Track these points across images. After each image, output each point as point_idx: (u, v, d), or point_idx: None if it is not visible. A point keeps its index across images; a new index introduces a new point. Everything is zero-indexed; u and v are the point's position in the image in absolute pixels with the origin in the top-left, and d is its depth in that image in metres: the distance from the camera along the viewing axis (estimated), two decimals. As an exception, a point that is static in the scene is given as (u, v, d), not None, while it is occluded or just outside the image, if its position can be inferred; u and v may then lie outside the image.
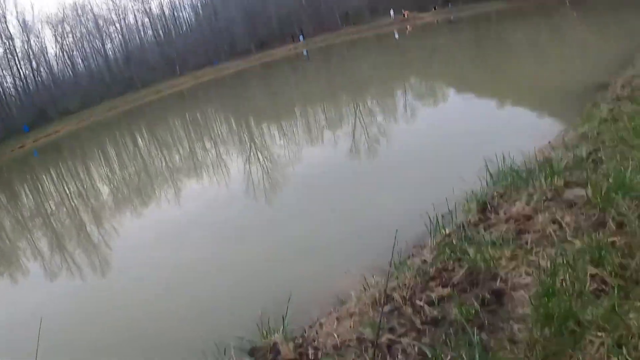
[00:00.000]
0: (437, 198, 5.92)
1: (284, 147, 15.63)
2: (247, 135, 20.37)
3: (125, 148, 30.15)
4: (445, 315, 3.60)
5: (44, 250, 13.40)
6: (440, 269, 4.25)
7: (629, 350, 2.82)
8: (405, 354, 3.36)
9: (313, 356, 3.64)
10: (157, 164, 21.18)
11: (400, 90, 20.44)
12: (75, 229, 14.87)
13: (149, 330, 6.56)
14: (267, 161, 14.65)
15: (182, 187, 15.01)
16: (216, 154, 18.61)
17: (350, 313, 4.11)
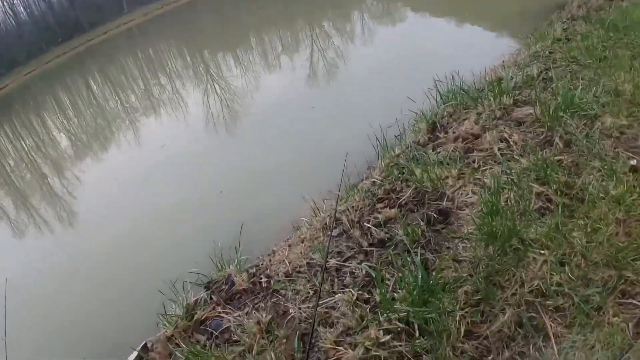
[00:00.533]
0: (389, 120, 5.93)
1: (241, 76, 15.38)
2: (202, 68, 19.90)
3: (79, 94, 29.08)
4: (392, 236, 3.68)
5: (8, 210, 13.17)
6: (388, 190, 4.29)
7: (572, 268, 2.91)
8: (353, 276, 3.45)
9: (266, 284, 3.73)
10: (113, 106, 20.60)
11: (357, 12, 20.00)
12: (37, 183, 14.58)
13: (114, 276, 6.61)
14: (225, 92, 14.44)
15: (141, 127, 14.75)
16: (172, 90, 18.21)
17: (302, 239, 4.18)
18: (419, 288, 2.99)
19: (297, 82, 12.45)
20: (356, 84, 10.35)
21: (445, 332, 2.81)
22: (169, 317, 3.89)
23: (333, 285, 3.39)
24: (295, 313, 3.33)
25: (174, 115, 14.49)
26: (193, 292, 4.10)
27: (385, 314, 2.98)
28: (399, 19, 17.22)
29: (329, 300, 3.25)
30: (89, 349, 5.11)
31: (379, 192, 4.31)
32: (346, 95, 9.95)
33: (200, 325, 3.66)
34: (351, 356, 2.85)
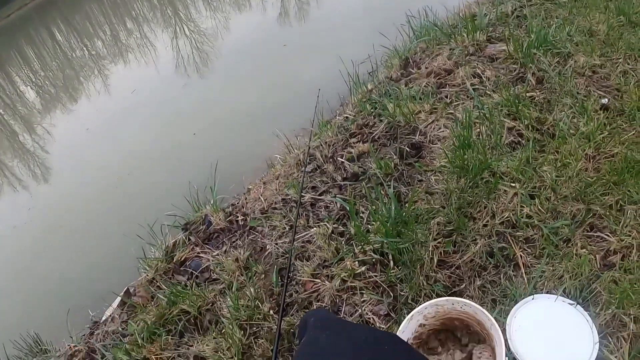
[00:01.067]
0: (359, 57, 5.88)
1: (210, 17, 14.97)
2: (170, 10, 19.29)
3: (44, 45, 28.10)
4: (366, 170, 3.71)
5: None
6: (361, 125, 4.30)
7: (541, 201, 2.99)
8: (328, 210, 3.50)
9: (242, 222, 3.77)
10: (80, 55, 20.01)
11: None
12: (7, 141, 14.27)
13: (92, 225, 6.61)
14: (194, 34, 14.10)
15: (110, 75, 14.38)
16: (140, 35, 17.67)
17: (276, 176, 4.21)
18: (392, 219, 3.04)
19: (268, 22, 12.19)
20: (328, 22, 10.15)
21: (419, 262, 2.90)
22: (149, 261, 3.93)
23: (308, 220, 3.44)
24: (273, 249, 3.38)
25: (143, 61, 14.15)
26: (171, 234, 4.14)
27: (360, 246, 3.05)
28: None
29: (305, 235, 3.31)
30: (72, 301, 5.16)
31: (351, 127, 4.33)
32: (318, 33, 9.77)
33: (180, 267, 3.71)
34: (328, 287, 2.92)
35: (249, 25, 12.72)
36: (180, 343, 3.20)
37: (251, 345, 2.90)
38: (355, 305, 2.84)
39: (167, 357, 3.15)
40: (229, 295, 3.18)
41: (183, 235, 3.98)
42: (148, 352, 3.22)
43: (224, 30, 13.35)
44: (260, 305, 3.01)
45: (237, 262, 3.38)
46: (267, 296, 3.07)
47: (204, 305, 3.27)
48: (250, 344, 2.91)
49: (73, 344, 3.86)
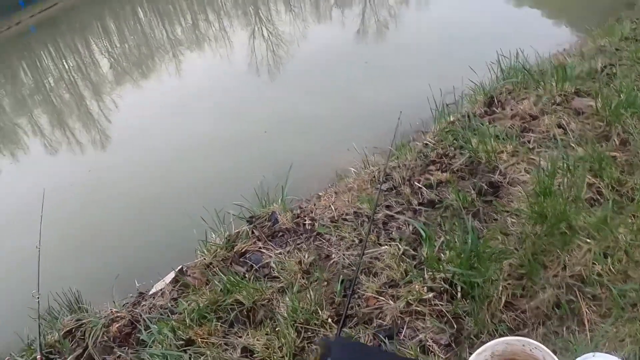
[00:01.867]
0: (445, 86, 5.85)
1: (290, 23, 15.21)
2: (252, 9, 19.70)
3: (126, 21, 29.15)
4: (442, 199, 3.68)
5: (44, 127, 13.42)
6: (441, 154, 4.28)
7: (614, 261, 2.90)
8: (400, 231, 3.47)
9: (309, 226, 3.77)
10: (158, 36, 20.63)
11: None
12: (75, 104, 14.79)
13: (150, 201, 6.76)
14: (272, 37, 14.32)
15: (184, 60, 14.79)
16: (219, 27, 18.11)
17: (349, 188, 4.21)
18: (468, 252, 3.00)
19: (347, 37, 12.30)
20: (409, 46, 10.18)
21: (487, 299, 2.84)
22: (209, 245, 3.96)
23: (379, 237, 3.42)
24: (338, 258, 3.37)
25: (217, 53, 14.49)
26: (235, 224, 4.17)
27: (431, 272, 3.01)
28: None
29: (374, 251, 3.28)
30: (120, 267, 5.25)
31: (431, 154, 4.31)
32: (399, 55, 9.80)
33: (240, 257, 3.72)
34: (392, 307, 2.89)
35: (327, 38, 12.87)
36: (229, 332, 3.20)
37: (304, 348, 2.88)
38: (416, 329, 2.80)
39: (213, 343, 3.15)
40: (289, 296, 3.17)
41: (247, 228, 4.00)
42: (195, 334, 3.23)
43: (301, 37, 13.49)
44: (320, 311, 2.99)
45: (300, 265, 3.37)
46: (327, 304, 3.05)
47: (259, 300, 3.27)
48: (303, 347, 2.89)
49: (115, 309, 3.91)
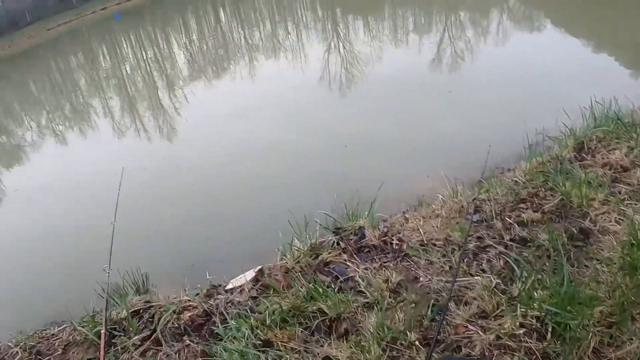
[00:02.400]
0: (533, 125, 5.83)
1: (366, 43, 15.31)
2: (331, 25, 19.99)
3: (207, 19, 29.99)
4: (534, 238, 3.67)
5: (115, 110, 13.95)
6: (532, 193, 4.27)
7: None
8: (491, 264, 3.48)
9: (397, 246, 3.81)
10: (237, 39, 21.14)
11: (497, 10, 19.39)
12: (147, 93, 15.31)
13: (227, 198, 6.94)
14: (347, 54, 14.44)
15: (258, 66, 15.05)
16: (297, 38, 18.40)
17: (437, 214, 4.23)
18: (563, 293, 2.99)
19: (421, 63, 12.29)
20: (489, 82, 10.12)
21: (577, 343, 2.82)
22: (293, 250, 4.03)
23: (470, 267, 3.43)
24: (427, 282, 3.39)
25: (292, 63, 14.69)
26: (320, 233, 4.24)
27: (523, 308, 3.00)
28: (537, 28, 16.56)
29: (465, 280, 3.29)
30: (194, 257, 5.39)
31: (522, 192, 4.29)
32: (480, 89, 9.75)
33: (324, 267, 3.78)
34: (482, 338, 2.89)
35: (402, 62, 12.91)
36: (310, 340, 3.24)
37: (388, 367, 2.91)
38: (505, 364, 2.80)
39: (293, 348, 3.20)
40: (376, 313, 3.20)
41: (333, 238, 4.06)
42: (274, 336, 3.28)
43: (376, 59, 13.56)
44: (408, 333, 3.01)
45: (387, 283, 3.41)
46: (415, 326, 3.07)
47: (344, 312, 3.30)
48: (387, 365, 2.91)
49: (187, 297, 3.99)
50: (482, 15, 18.07)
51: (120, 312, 3.89)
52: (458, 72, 11.58)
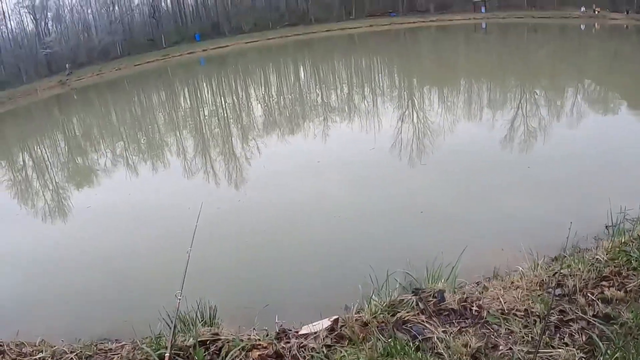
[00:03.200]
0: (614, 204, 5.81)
1: (440, 114, 15.53)
2: (406, 94, 20.42)
3: (286, 75, 31.26)
4: (617, 316, 3.63)
5: (188, 151, 14.68)
6: (614, 271, 4.25)
7: None
8: (573, 338, 3.46)
9: (477, 312, 3.84)
10: (313, 98, 21.85)
11: (572, 89, 19.37)
12: (222, 138, 16.00)
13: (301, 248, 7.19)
14: (420, 124, 14.67)
15: (332, 127, 15.44)
16: (373, 104, 18.85)
17: (517, 286, 4.24)
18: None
19: (495, 138, 12.29)
20: (563, 160, 10.07)
21: None
22: (372, 304, 4.11)
23: (552, 340, 3.42)
24: (507, 351, 3.40)
25: (366, 128, 15.01)
26: (398, 291, 4.32)
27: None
28: (612, 109, 16.36)
29: (547, 352, 3.29)
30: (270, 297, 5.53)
31: (604, 270, 4.27)
32: (555, 166, 9.71)
33: (402, 325, 3.84)
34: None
35: (473, 136, 12.98)
36: (386, 396, 3.29)
37: None
38: None
39: (369, 403, 3.25)
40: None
41: (413, 298, 4.13)
42: (350, 388, 3.34)
43: (449, 131, 13.66)
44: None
45: (466, 348, 3.43)
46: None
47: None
48: None
49: (257, 337, 4.05)
50: (557, 93, 18.11)
51: (186, 339, 3.94)
52: (532, 148, 11.55)
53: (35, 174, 16.94)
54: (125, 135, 20.63)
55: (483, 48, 39.03)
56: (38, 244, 9.42)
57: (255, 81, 30.44)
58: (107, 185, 13.24)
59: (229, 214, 8.79)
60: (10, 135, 28.30)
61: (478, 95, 19.05)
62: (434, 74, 25.01)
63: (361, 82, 24.68)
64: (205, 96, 27.46)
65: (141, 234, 8.77)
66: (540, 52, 32.15)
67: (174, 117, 22.50)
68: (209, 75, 38.43)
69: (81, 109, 35.20)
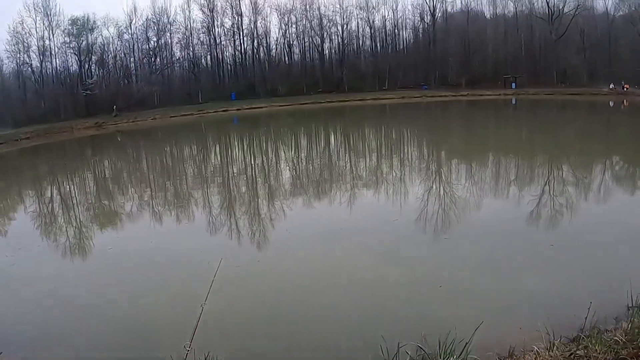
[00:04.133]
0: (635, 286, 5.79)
1: (466, 188, 15.54)
2: (434, 166, 20.57)
3: (317, 141, 31.83)
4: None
5: (214, 206, 15.04)
6: (632, 353, 4.22)
7: None
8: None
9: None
10: (342, 165, 22.17)
11: (600, 166, 19.33)
12: (247, 196, 16.30)
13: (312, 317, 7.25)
14: (446, 197, 14.69)
15: (359, 194, 15.52)
16: (400, 175, 19.02)
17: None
18: None
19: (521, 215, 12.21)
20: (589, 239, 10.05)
21: None
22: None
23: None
24: None
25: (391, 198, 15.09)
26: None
27: None
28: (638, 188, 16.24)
29: None
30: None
31: (622, 352, 4.26)
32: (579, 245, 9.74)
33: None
34: None
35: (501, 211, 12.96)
36: None
37: None
38: None
39: None
40: None
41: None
42: None
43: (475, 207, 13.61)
44: None
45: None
46: None
47: None
48: None
49: None
50: (584, 171, 18.08)
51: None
52: (558, 226, 11.51)
53: (61, 209, 17.67)
54: (153, 184, 21.29)
55: (512, 123, 39.38)
56: (55, 278, 9.82)
57: (286, 144, 31.10)
58: (130, 230, 13.68)
59: (247, 273, 8.95)
60: (42, 168, 29.39)
61: (506, 170, 19.11)
62: (463, 147, 25.25)
63: (390, 153, 24.98)
64: (235, 154, 28.13)
65: (158, 282, 9.06)
66: (568, 128, 32.30)
67: (203, 171, 23.14)
68: (241, 134, 39.43)
69: (113, 153, 36.45)
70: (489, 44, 74.91)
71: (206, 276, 4.98)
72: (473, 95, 63.20)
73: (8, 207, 19.46)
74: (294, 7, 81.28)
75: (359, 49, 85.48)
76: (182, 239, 12.09)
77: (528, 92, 61.95)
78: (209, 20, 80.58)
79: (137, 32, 79.51)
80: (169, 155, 31.24)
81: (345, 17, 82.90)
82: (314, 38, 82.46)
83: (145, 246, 11.54)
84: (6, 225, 16.09)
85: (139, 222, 14.22)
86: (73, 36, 77.07)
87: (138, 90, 72.99)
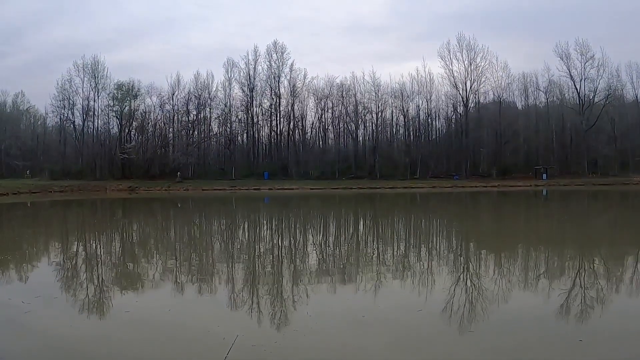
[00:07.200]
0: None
1: (494, 282, 15.31)
2: (462, 257, 20.38)
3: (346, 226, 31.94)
4: None
5: (237, 281, 15.22)
6: None
7: None
8: None
9: None
10: (369, 252, 22.15)
11: (632, 258, 18.89)
12: (272, 276, 16.36)
13: None
14: (474, 290, 14.46)
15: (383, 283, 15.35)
16: (427, 265, 18.86)
17: None
18: None
19: (550, 309, 11.97)
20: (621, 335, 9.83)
21: None
22: None
23: None
24: None
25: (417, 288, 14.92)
26: None
27: None
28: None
29: None
30: None
31: None
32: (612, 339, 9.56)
33: None
34: None
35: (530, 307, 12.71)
36: None
37: None
38: None
39: None
40: None
41: None
42: None
43: (502, 300, 13.37)
44: None
45: None
46: None
47: None
48: None
49: None
50: (616, 263, 17.73)
51: None
52: (587, 320, 11.25)
53: (85, 265, 18.13)
54: (179, 253, 21.66)
55: (543, 214, 39.11)
56: (65, 332, 9.97)
57: (315, 227, 31.29)
58: (150, 295, 13.85)
59: (262, 354, 8.83)
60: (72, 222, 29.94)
61: (535, 263, 18.85)
62: (492, 238, 25.09)
63: (418, 242, 24.91)
64: (263, 233, 28.42)
65: (170, 352, 9.00)
66: (600, 219, 31.87)
67: (229, 246, 23.36)
68: (271, 214, 39.83)
69: (143, 218, 36.97)
70: (521, 134, 75.73)
71: (220, 352, 5.05)
72: (504, 186, 63.26)
73: (33, 255, 20.21)
74: (331, 93, 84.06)
75: (392, 137, 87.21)
76: (201, 310, 12.17)
77: (559, 183, 61.84)
78: (248, 99, 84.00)
79: (179, 103, 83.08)
80: (197, 227, 31.74)
81: (380, 105, 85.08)
82: (349, 124, 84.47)
83: (162, 313, 11.67)
84: (28, 272, 16.79)
85: (160, 289, 14.44)
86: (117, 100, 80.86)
87: (174, 159, 75.06)
